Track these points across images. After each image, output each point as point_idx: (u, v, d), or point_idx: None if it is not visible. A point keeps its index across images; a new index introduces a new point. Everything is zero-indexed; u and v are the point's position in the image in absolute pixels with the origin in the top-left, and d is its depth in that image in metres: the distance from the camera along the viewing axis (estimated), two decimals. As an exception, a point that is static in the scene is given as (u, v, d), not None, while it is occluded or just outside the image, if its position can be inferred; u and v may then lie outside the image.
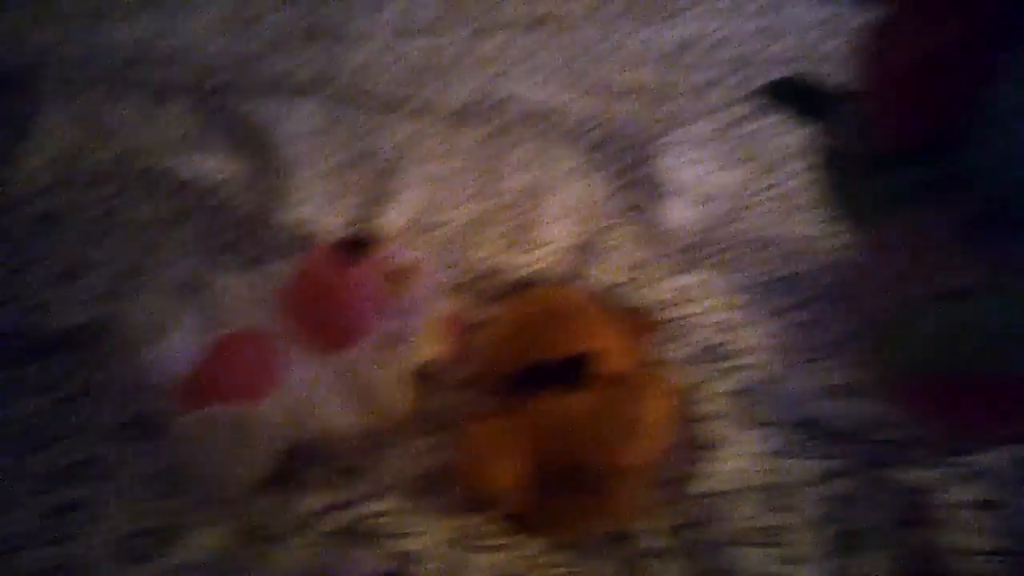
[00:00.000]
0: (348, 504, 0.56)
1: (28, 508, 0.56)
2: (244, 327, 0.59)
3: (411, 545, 0.53)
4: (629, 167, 1.07)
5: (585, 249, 0.90)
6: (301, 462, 0.59)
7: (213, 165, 0.99)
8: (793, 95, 0.47)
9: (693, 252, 0.89)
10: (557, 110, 1.21)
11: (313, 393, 0.58)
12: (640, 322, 0.70)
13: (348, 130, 1.16)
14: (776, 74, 1.35)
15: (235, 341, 0.59)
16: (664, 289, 0.80)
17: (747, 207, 1.01)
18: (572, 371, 0.59)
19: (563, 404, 0.56)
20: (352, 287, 0.58)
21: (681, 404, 0.64)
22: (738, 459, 0.60)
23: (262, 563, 0.52)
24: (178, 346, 0.56)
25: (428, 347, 0.65)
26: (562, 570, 0.53)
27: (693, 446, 0.62)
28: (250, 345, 0.58)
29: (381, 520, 0.54)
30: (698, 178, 1.06)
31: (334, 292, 0.58)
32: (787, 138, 1.18)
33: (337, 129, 1.16)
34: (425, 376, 0.67)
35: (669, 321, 0.74)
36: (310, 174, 0.99)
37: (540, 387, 0.58)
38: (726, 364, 0.69)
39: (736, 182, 1.08)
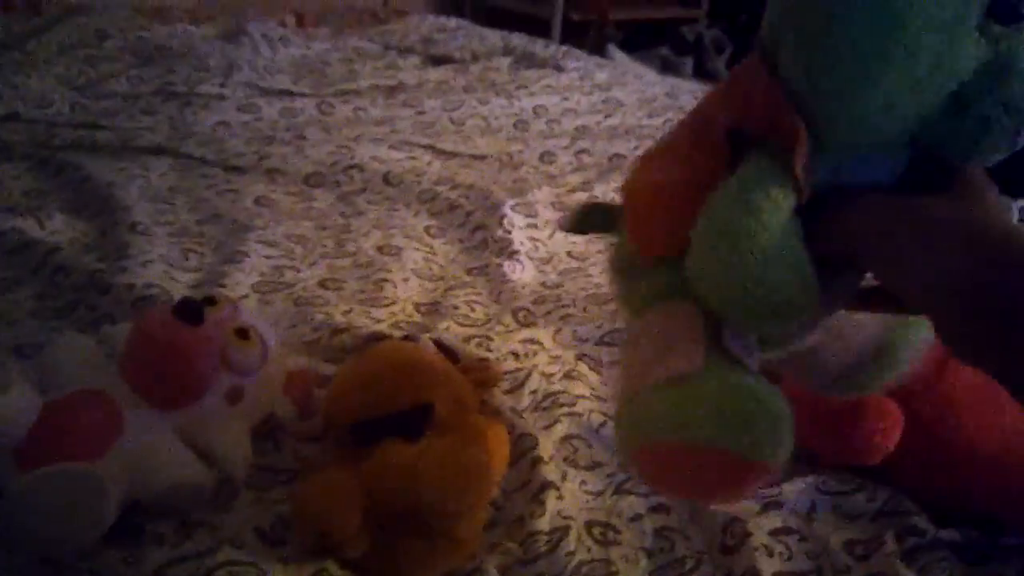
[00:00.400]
0: (193, 556, 0.56)
1: None
2: (81, 387, 0.59)
3: (256, 594, 0.54)
4: (476, 229, 1.14)
5: (433, 307, 0.94)
6: (146, 517, 0.59)
7: (54, 226, 0.97)
8: (595, 218, 0.54)
9: (535, 308, 0.95)
10: (409, 174, 1.27)
11: (154, 450, 0.59)
12: (483, 374, 0.75)
13: (198, 191, 1.16)
14: (612, 145, 1.46)
15: (72, 401, 0.58)
16: (507, 343, 0.86)
17: (585, 267, 1.09)
18: (413, 422, 0.63)
19: (401, 453, 0.59)
20: (191, 346, 0.60)
21: (517, 450, 0.69)
22: (569, 498, 0.65)
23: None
24: (12, 408, 0.55)
25: (272, 403, 0.67)
26: (404, 610, 0.55)
27: (528, 488, 0.66)
28: (87, 405, 0.58)
29: (226, 571, 0.54)
30: (541, 240, 1.14)
31: (173, 352, 0.59)
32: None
33: (187, 190, 1.16)
34: (269, 430, 0.69)
35: (510, 372, 0.79)
36: (157, 235, 0.99)
37: (382, 438, 0.61)
38: (560, 411, 0.74)
39: (575, 244, 1.16)
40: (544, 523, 0.63)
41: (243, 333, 0.63)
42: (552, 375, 0.80)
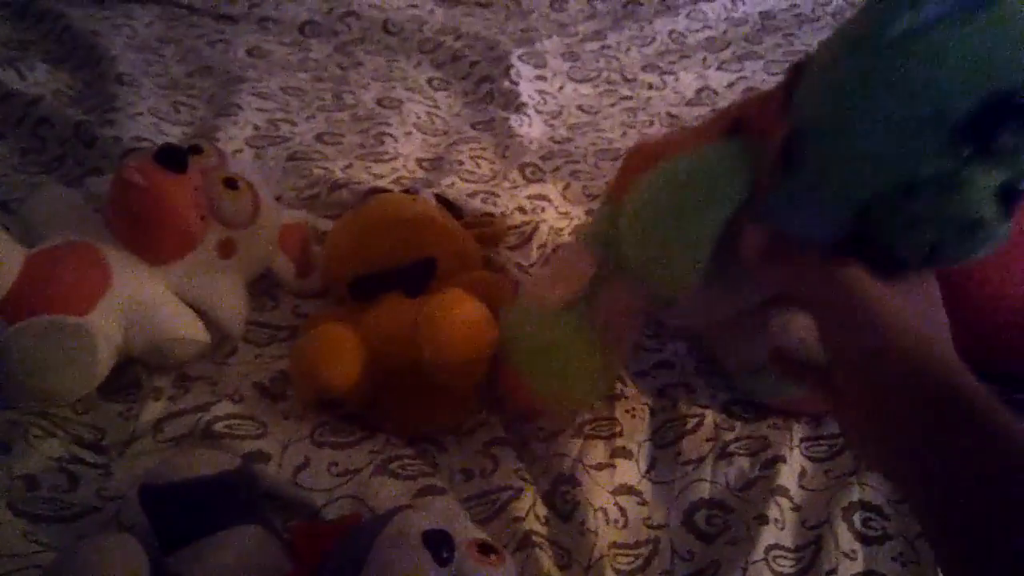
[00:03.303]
0: (192, 410, 0.55)
1: None
2: (66, 239, 0.57)
3: (258, 445, 0.53)
4: (482, 81, 1.07)
5: (437, 162, 0.90)
6: (144, 372, 0.58)
7: (36, 77, 0.92)
8: None
9: (544, 164, 0.91)
10: (410, 22, 1.19)
11: (146, 304, 0.57)
12: (487, 229, 0.72)
13: (188, 41, 1.10)
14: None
15: (56, 253, 0.56)
16: (514, 199, 0.82)
17: (596, 121, 1.03)
18: (415, 277, 0.60)
19: (402, 307, 0.57)
20: (175, 194, 0.56)
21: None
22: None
23: (107, 472, 0.52)
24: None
25: (267, 258, 0.64)
26: (407, 462, 0.55)
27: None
28: (72, 256, 0.56)
29: (225, 424, 0.54)
30: (550, 92, 1.08)
31: (155, 199, 0.56)
32: (634, 55, 1.21)
33: (176, 40, 1.09)
34: (267, 287, 0.67)
35: (517, 228, 0.76)
36: (145, 87, 0.93)
37: (382, 293, 0.59)
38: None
39: (586, 96, 1.10)
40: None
41: (232, 183, 0.60)
42: (561, 229, 0.77)
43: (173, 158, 0.56)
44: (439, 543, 0.40)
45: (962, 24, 0.35)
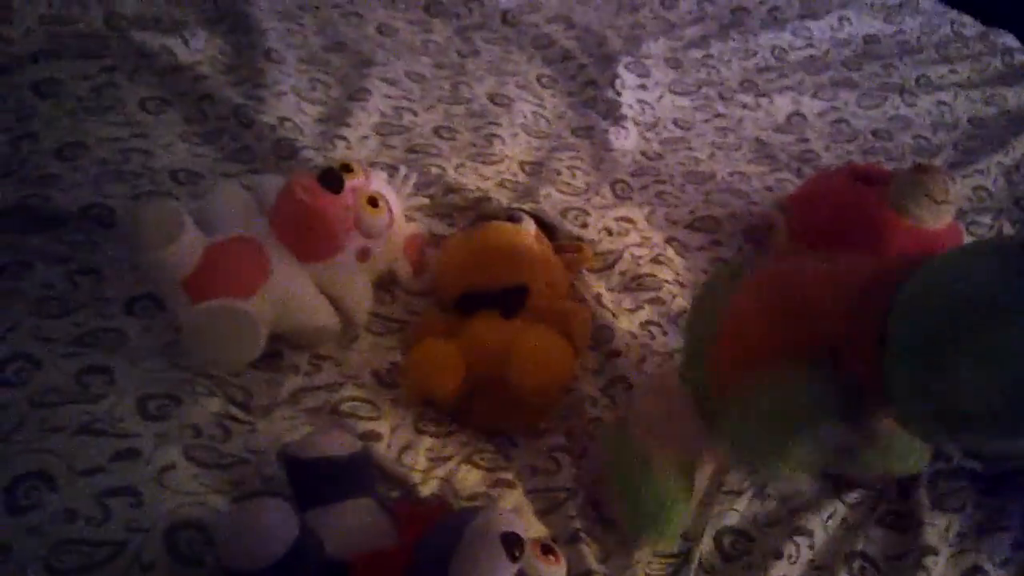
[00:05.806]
0: (322, 388, 0.69)
1: (59, 368, 0.65)
2: (237, 235, 0.69)
3: (373, 426, 0.66)
4: (588, 84, 1.16)
5: (537, 167, 0.99)
6: (284, 349, 0.71)
7: (196, 45, 1.02)
8: None
9: (633, 181, 1.00)
10: (526, 7, 1.27)
11: (295, 294, 0.70)
12: (576, 255, 0.83)
13: (324, 10, 1.20)
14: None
15: (230, 246, 0.69)
16: (604, 219, 0.91)
17: (689, 138, 1.11)
18: (510, 300, 0.72)
19: (497, 328, 0.69)
20: (331, 211, 0.69)
21: (595, 339, 0.77)
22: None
23: (253, 429, 0.65)
24: (183, 249, 0.65)
25: (392, 261, 0.77)
26: (487, 455, 0.68)
27: (601, 375, 0.75)
28: (242, 249, 0.69)
29: (349, 405, 0.67)
30: (648, 103, 1.15)
31: (315, 215, 0.68)
32: (735, 68, 1.27)
33: (313, 8, 1.20)
34: (387, 285, 0.79)
35: (602, 253, 0.86)
36: (288, 62, 1.04)
37: (481, 309, 0.71)
38: (645, 296, 0.82)
39: (682, 110, 1.17)
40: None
41: (374, 201, 0.72)
42: (641, 257, 0.87)
43: (332, 181, 0.69)
44: (513, 544, 0.53)
45: None
